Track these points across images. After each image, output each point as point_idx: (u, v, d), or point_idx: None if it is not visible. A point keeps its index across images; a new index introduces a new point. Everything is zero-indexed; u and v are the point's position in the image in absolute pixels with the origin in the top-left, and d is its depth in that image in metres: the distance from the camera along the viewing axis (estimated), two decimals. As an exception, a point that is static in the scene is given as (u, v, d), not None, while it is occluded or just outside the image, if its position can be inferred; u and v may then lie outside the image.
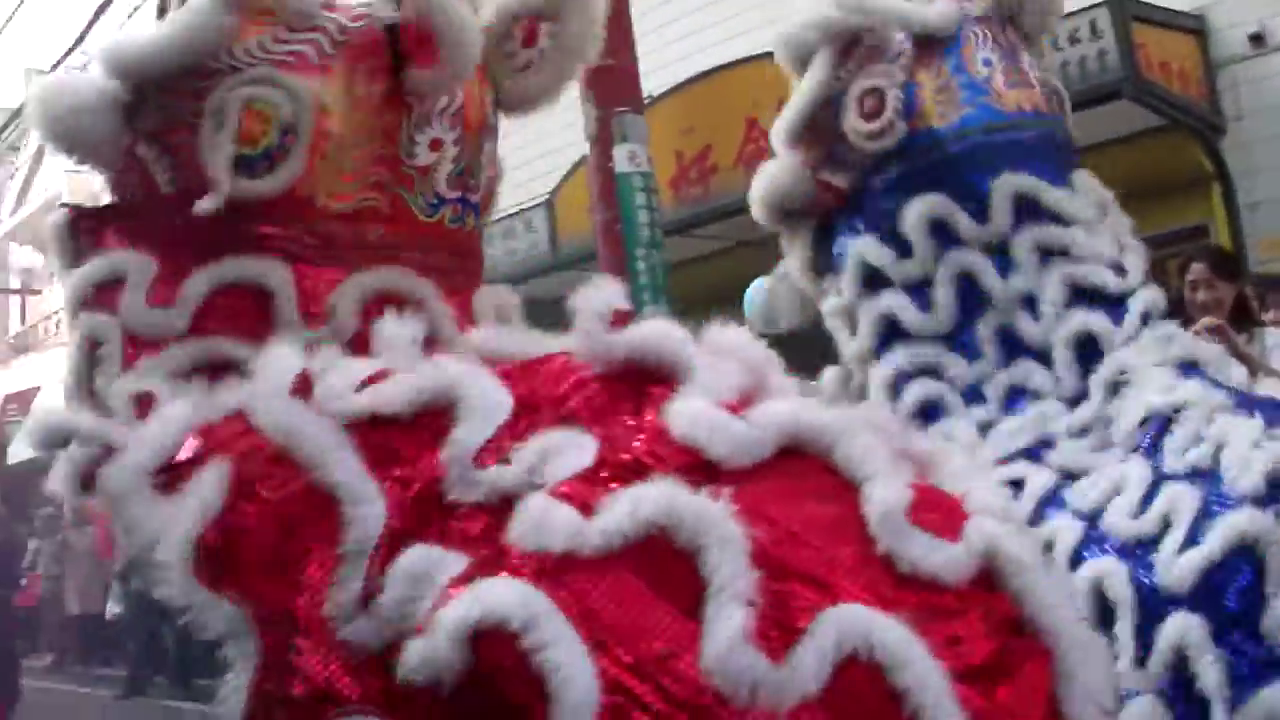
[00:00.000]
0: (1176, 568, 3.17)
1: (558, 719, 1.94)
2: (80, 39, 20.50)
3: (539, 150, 13.35)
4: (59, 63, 21.36)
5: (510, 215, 13.09)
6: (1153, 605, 3.20)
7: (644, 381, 2.47)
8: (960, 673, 2.07)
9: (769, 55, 5.35)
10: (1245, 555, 3.12)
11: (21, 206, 30.10)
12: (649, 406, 2.41)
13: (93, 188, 9.91)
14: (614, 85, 9.74)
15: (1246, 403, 3.56)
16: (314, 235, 2.80)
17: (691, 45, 13.07)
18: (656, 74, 11.74)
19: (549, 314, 4.99)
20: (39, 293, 28.85)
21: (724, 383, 2.44)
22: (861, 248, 4.14)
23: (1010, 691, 2.15)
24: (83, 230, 2.90)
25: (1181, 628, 3.13)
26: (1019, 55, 4.19)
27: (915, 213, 4.00)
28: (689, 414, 2.33)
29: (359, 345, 2.68)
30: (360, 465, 2.32)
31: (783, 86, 5.56)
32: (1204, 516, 3.22)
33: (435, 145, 2.94)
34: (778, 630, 2.03)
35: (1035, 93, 4.13)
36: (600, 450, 2.30)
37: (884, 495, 2.26)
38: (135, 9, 17.78)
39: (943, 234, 3.98)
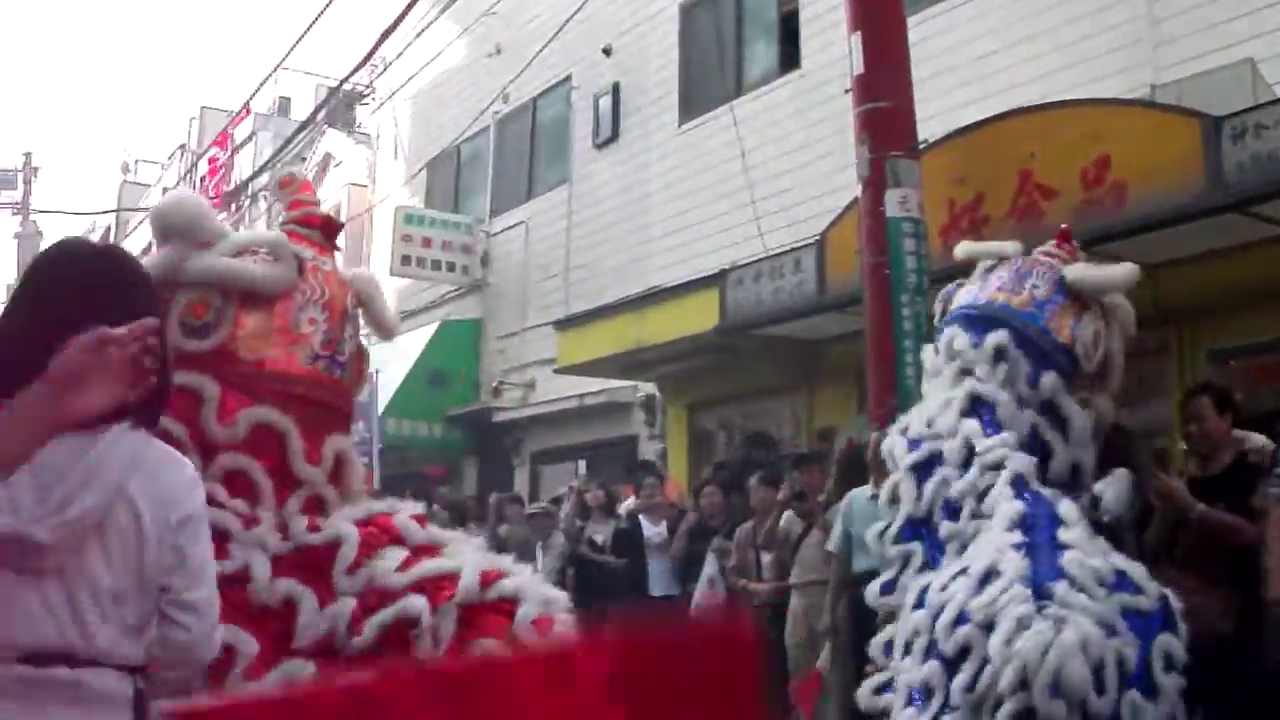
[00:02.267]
0: None
1: None
2: (368, 56, 22.03)
3: (814, 190, 10.92)
4: (346, 79, 24.70)
5: (780, 254, 11.84)
6: None
7: None
8: None
9: (1046, 106, 9.09)
10: None
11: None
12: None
13: (371, 200, 25.02)
14: (888, 128, 10.10)
15: None
16: (235, 375, 4.37)
17: (969, 93, 12.18)
18: (933, 120, 11.04)
19: (811, 354, 16.06)
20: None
21: None
22: None
23: None
24: None
25: None
26: None
27: None
28: None
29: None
30: None
31: (1058, 139, 9.97)
32: None
33: (311, 322, 4.53)
34: None
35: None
36: None
37: None
38: (423, 29, 20.72)
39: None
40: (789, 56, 15.58)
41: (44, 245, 2.64)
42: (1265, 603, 6.37)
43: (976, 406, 5.99)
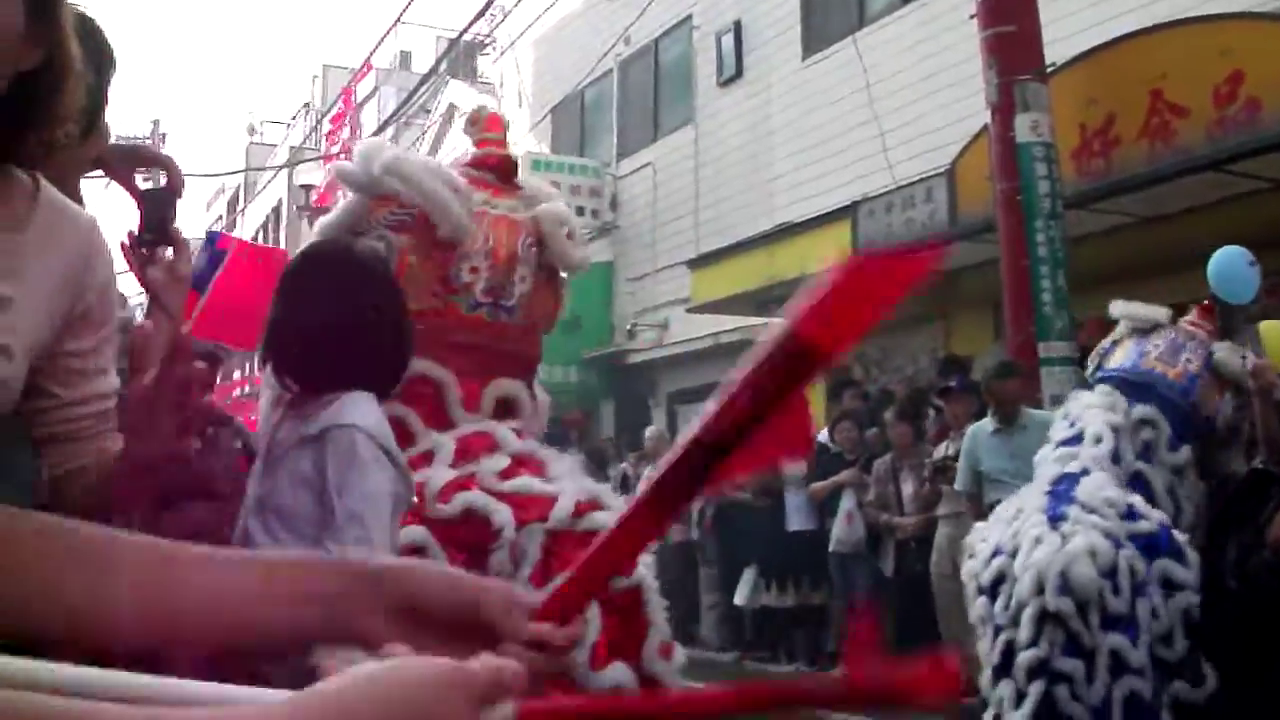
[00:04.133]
0: None
1: None
2: (487, 5, 22.27)
3: (942, 119, 10.62)
4: (467, 29, 24.99)
5: (910, 184, 11.66)
6: None
7: None
8: None
9: (1176, 24, 8.92)
10: None
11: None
12: None
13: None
14: (1016, 52, 10.14)
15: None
16: None
17: (1098, 14, 11.72)
18: (1061, 42, 10.90)
19: (946, 284, 15.85)
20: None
21: None
22: None
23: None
24: None
25: None
26: None
27: None
28: None
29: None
30: None
31: (1187, 56, 9.67)
32: None
33: (473, 270, 4.72)
34: None
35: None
36: None
37: None
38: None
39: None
40: (911, -15, 15.41)
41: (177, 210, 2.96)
42: None
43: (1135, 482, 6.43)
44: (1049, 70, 10.45)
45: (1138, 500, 6.06)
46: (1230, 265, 7.46)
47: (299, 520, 3.02)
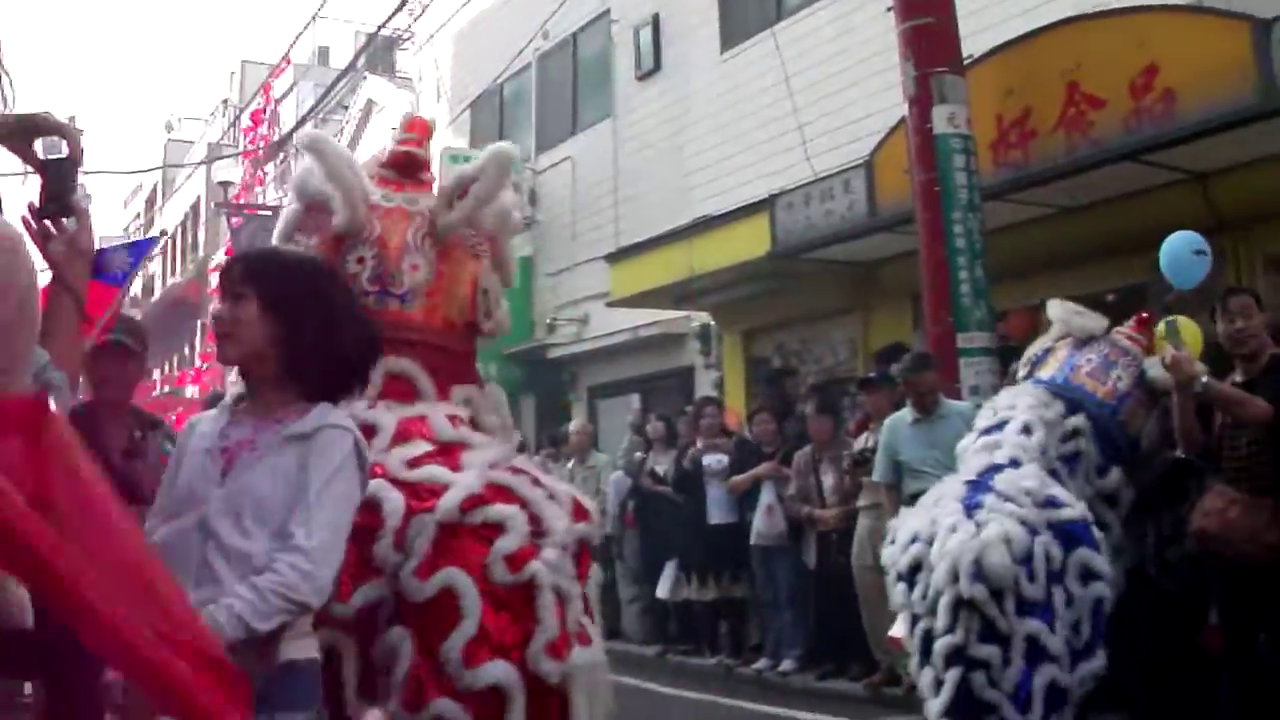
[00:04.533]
0: None
1: None
2: (404, 2, 22.30)
3: (860, 111, 10.71)
4: (385, 23, 25.40)
5: (829, 176, 11.68)
6: None
7: None
8: None
9: (1092, 16, 8.95)
10: None
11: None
12: None
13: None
14: (933, 44, 10.28)
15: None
16: None
17: (1014, 6, 11.81)
18: (978, 35, 11.01)
19: (865, 276, 16.15)
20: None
21: None
22: None
23: None
24: None
25: None
26: None
27: None
28: None
29: None
30: None
31: (1104, 48, 9.69)
32: None
33: (360, 261, 4.74)
34: None
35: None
36: None
37: None
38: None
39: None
40: (829, -22, 15.37)
41: (92, 206, 2.97)
42: None
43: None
44: (966, 62, 10.53)
45: (1060, 491, 6.14)
46: (1176, 251, 7.63)
47: (271, 512, 3.05)
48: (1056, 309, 7.39)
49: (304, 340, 3.24)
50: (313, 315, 3.27)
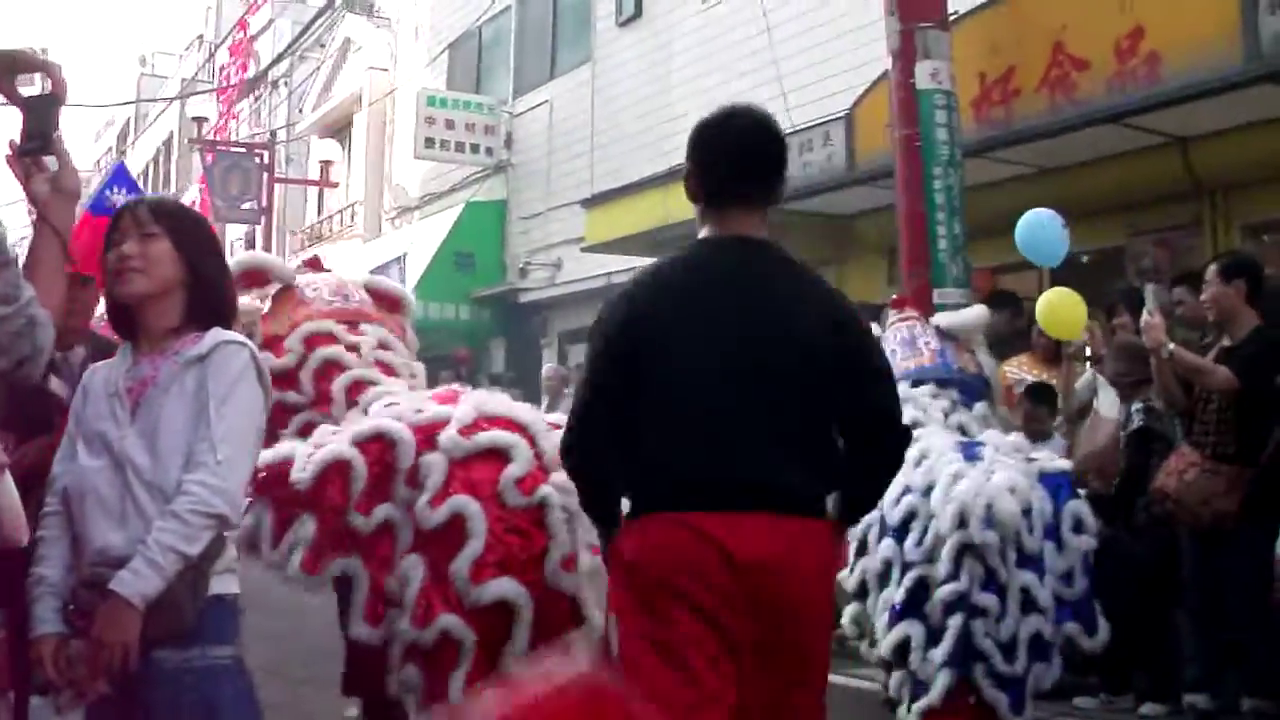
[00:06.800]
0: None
1: None
2: None
3: (842, 65, 10.49)
4: None
5: (808, 128, 11.64)
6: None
7: None
8: None
9: None
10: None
11: (324, 102, 29.86)
12: None
13: (393, 84, 24.78)
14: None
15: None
16: None
17: None
18: None
19: (841, 229, 16.02)
20: (336, 185, 28.65)
21: None
22: None
23: None
24: None
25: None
26: None
27: None
28: None
29: None
30: None
31: (1090, 9, 9.66)
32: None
33: None
34: None
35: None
36: None
37: None
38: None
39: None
40: (815, -73, 15.26)
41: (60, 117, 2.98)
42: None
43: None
44: (951, 18, 10.44)
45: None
46: (1037, 231, 7.98)
47: (186, 438, 3.10)
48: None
49: (207, 276, 3.35)
50: (211, 254, 3.42)
